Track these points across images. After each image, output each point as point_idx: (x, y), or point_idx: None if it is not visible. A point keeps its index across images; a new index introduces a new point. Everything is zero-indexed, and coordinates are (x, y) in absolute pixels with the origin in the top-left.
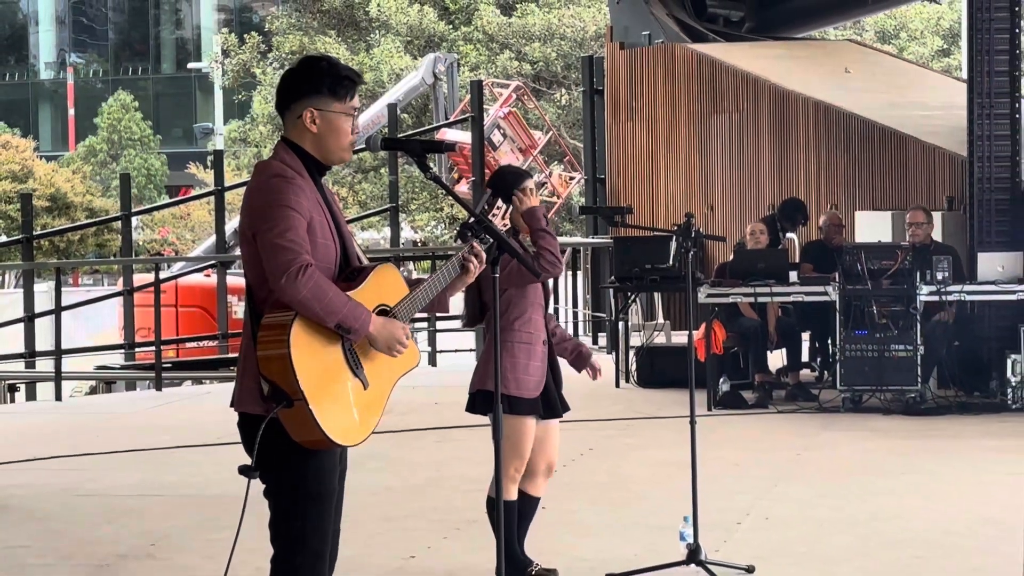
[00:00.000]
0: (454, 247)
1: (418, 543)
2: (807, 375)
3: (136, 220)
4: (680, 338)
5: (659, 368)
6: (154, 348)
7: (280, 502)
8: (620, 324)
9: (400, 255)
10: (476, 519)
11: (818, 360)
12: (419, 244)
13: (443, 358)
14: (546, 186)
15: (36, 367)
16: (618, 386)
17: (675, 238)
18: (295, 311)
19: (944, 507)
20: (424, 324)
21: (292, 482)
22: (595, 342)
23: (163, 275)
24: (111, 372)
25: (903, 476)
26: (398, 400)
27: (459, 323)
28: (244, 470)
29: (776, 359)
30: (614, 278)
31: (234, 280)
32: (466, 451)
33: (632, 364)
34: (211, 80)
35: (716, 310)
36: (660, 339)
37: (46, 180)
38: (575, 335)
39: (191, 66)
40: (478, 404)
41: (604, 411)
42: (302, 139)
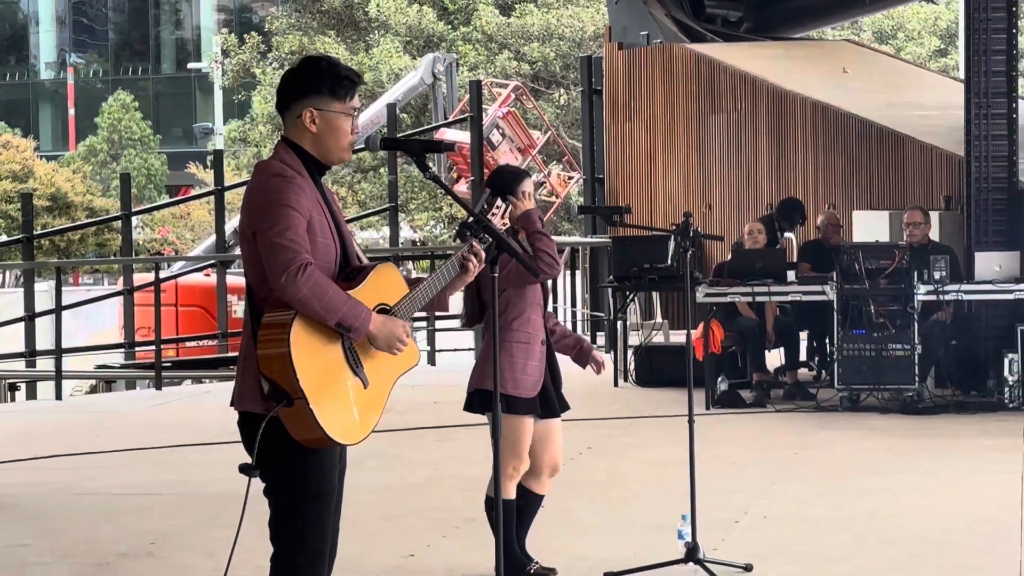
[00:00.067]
0: (453, 246)
1: (417, 541)
2: (805, 374)
3: (136, 220)
4: (678, 337)
5: (657, 367)
6: (154, 347)
7: (280, 501)
8: (618, 323)
9: (399, 254)
10: (475, 518)
11: (816, 359)
12: (418, 243)
13: (442, 357)
14: (545, 186)
15: (36, 366)
16: (616, 385)
17: (673, 238)
18: (295, 310)
19: (941, 506)
20: (423, 323)
21: (292, 481)
22: (594, 341)
23: (163, 274)
24: (111, 371)
25: (900, 475)
26: (397, 399)
27: (458, 322)
28: (244, 469)
29: (774, 358)
30: (612, 277)
31: (234, 279)
32: (465, 450)
33: (630, 363)
34: (211, 80)
35: (714, 309)
36: (658, 338)
37: (46, 180)
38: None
39: (191, 66)
40: (476, 403)
41: (602, 410)
42: (302, 139)
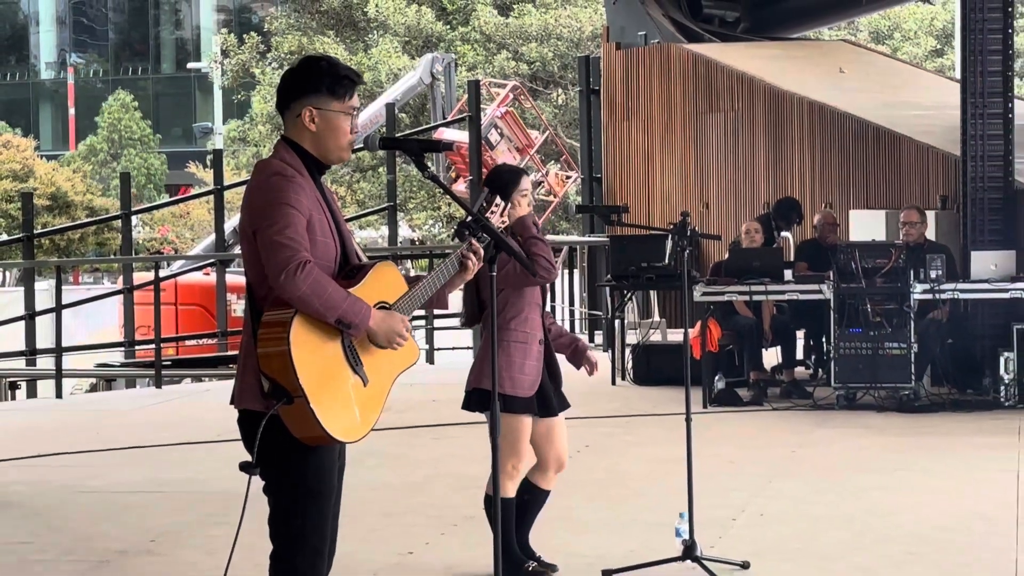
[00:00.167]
0: (452, 246)
1: (416, 539)
2: (802, 373)
3: (136, 219)
4: (676, 336)
5: (655, 366)
6: (154, 346)
7: (280, 499)
8: (616, 322)
9: (398, 253)
10: (473, 516)
11: (812, 358)
12: (417, 243)
13: (441, 356)
14: (543, 185)
15: (37, 365)
16: (614, 384)
17: (671, 237)
18: (295, 308)
19: (937, 503)
20: (422, 322)
21: (292, 479)
22: (591, 340)
23: (163, 273)
24: (111, 370)
25: (897, 473)
26: (396, 398)
27: (456, 321)
28: (245, 467)
29: (771, 357)
30: (610, 276)
31: (233, 278)
32: (463, 448)
33: (628, 362)
34: (210, 80)
35: (712, 308)
36: (656, 337)
37: (47, 179)
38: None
39: (191, 66)
40: (474, 402)
41: (601, 408)
42: (301, 138)
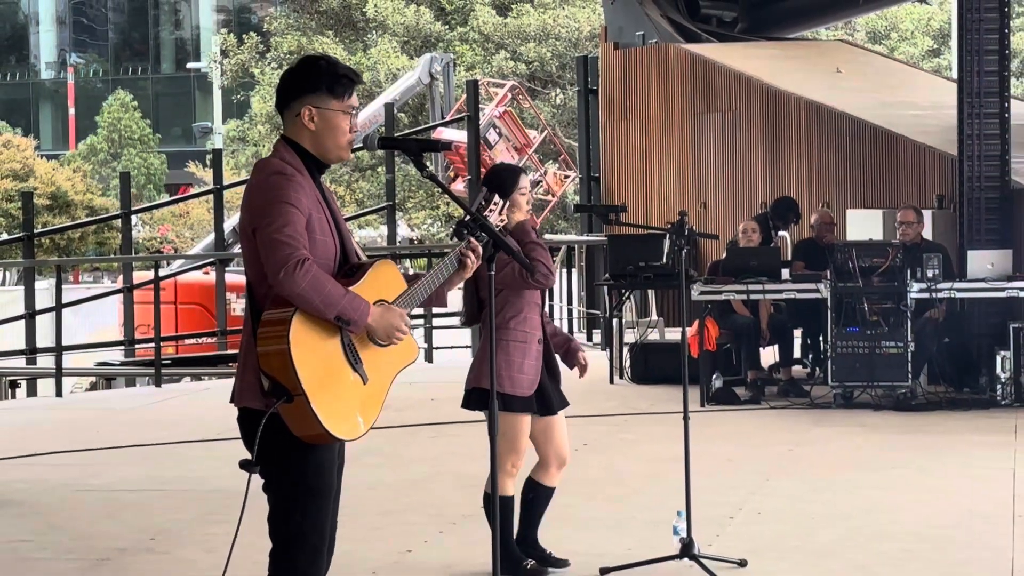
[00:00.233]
0: (450, 245)
1: (415, 537)
2: (799, 371)
3: (136, 218)
4: (673, 335)
5: (653, 364)
6: (154, 345)
7: (280, 497)
8: (614, 321)
9: (397, 253)
10: (472, 514)
11: (810, 357)
12: (415, 242)
13: (439, 354)
14: (541, 184)
15: (37, 363)
16: (612, 382)
17: (669, 236)
18: (294, 306)
19: (934, 501)
20: (421, 321)
21: (292, 477)
22: (589, 339)
23: (162, 273)
24: (111, 368)
25: (893, 471)
26: (395, 396)
27: (454, 319)
28: (244, 465)
29: (768, 356)
30: (608, 275)
31: (233, 277)
32: (462, 447)
33: (626, 360)
34: (210, 80)
35: (709, 307)
36: (654, 336)
37: (47, 179)
38: (570, 332)
39: (190, 66)
40: (473, 401)
41: (599, 407)
42: (301, 137)
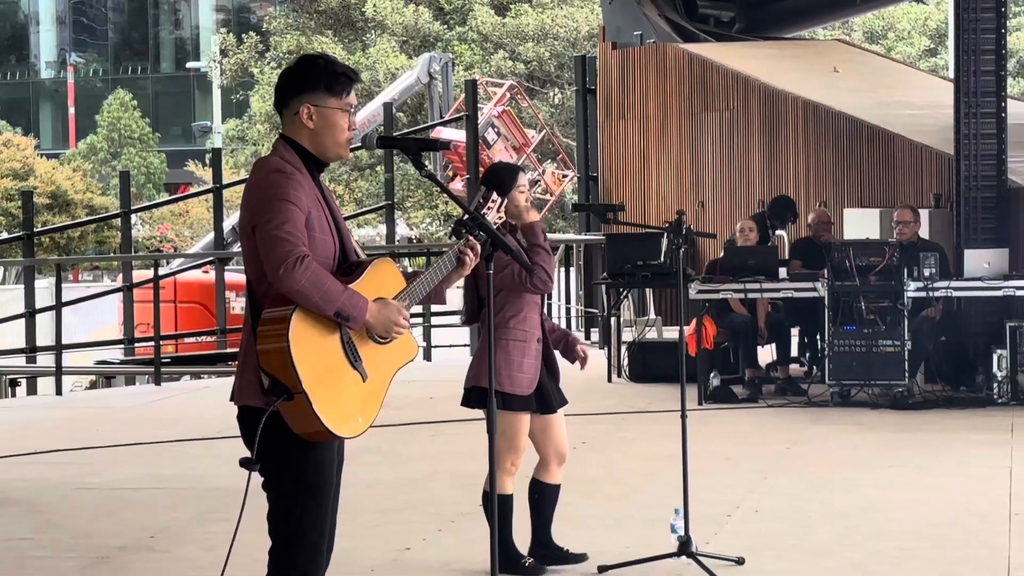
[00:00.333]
0: (449, 244)
1: (413, 535)
2: (796, 370)
3: (135, 217)
4: (671, 333)
5: (651, 363)
6: (153, 343)
7: (279, 495)
8: (612, 320)
9: (395, 251)
10: (470, 512)
11: (807, 355)
12: (414, 241)
13: (438, 353)
14: (539, 184)
15: (37, 362)
16: (610, 381)
17: (666, 235)
18: (294, 304)
19: (930, 499)
20: (419, 319)
21: (292, 475)
22: (587, 337)
23: (162, 271)
24: (111, 367)
25: (890, 469)
26: (394, 394)
27: (453, 318)
28: (245, 463)
29: (766, 354)
30: (606, 274)
31: (232, 276)
32: (460, 445)
33: (624, 359)
34: (209, 79)
35: (707, 306)
36: (652, 335)
37: (47, 178)
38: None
39: (190, 65)
40: (473, 399)
41: (597, 405)
42: (300, 136)
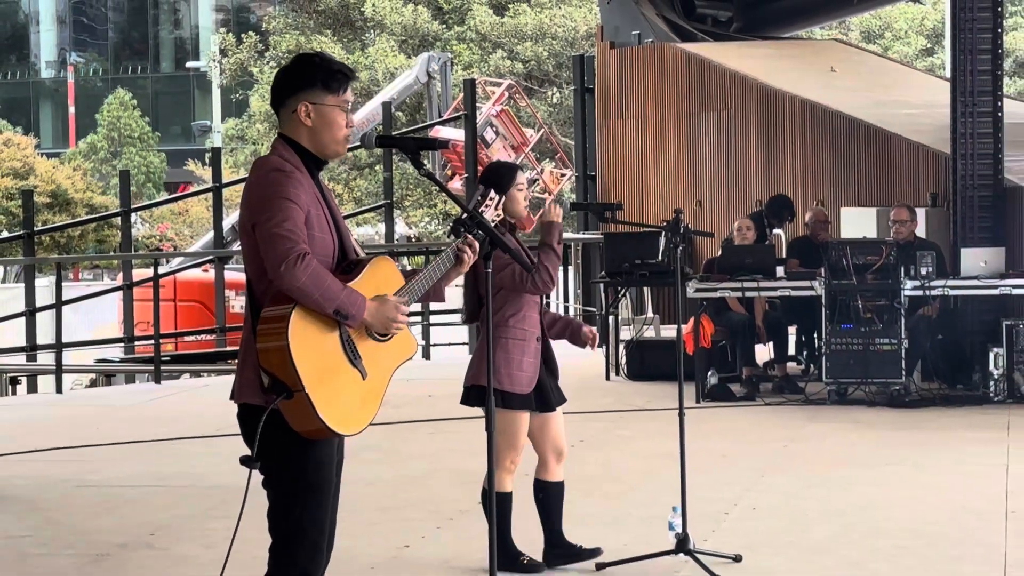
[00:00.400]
0: (447, 242)
1: (412, 533)
2: (794, 368)
3: (135, 216)
4: (669, 332)
5: (648, 361)
6: (153, 342)
7: (279, 493)
8: (610, 318)
9: (395, 250)
10: (469, 510)
11: (804, 354)
12: (413, 239)
13: (437, 351)
14: (538, 183)
15: (37, 360)
16: (608, 379)
17: (664, 234)
18: (293, 303)
19: (927, 497)
20: (418, 318)
21: (292, 473)
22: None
23: (162, 270)
24: (111, 365)
25: (887, 467)
26: (393, 393)
27: (452, 316)
28: (245, 461)
29: (763, 353)
30: (604, 273)
31: (232, 275)
32: (459, 443)
33: (622, 357)
34: (209, 79)
35: (704, 304)
36: (649, 333)
37: (47, 177)
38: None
39: (189, 65)
40: (472, 398)
41: (595, 403)
42: (298, 134)
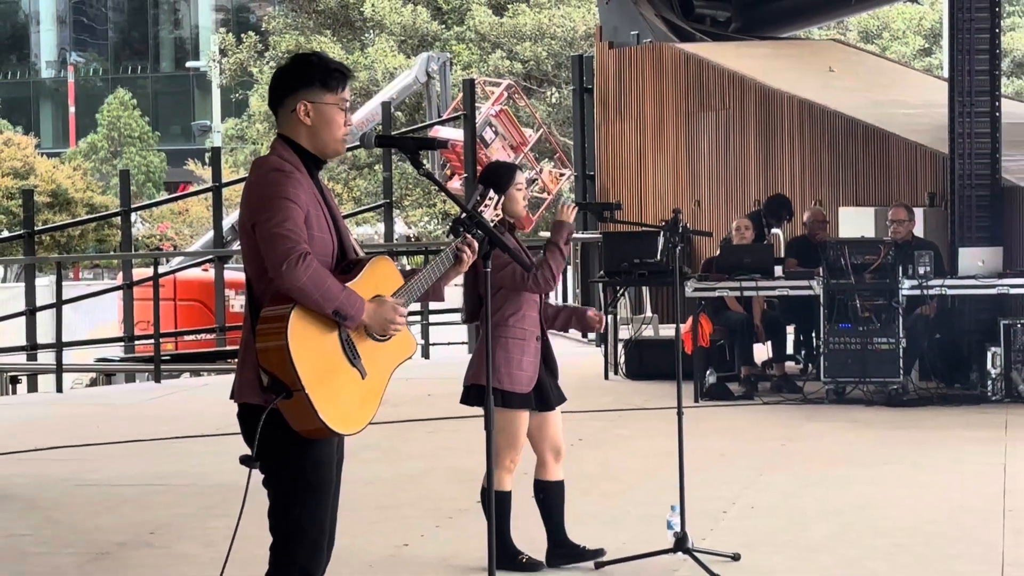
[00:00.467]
0: (447, 242)
1: (411, 531)
2: (792, 367)
3: (135, 216)
4: (668, 331)
5: (647, 361)
6: (153, 341)
7: (279, 492)
8: (609, 318)
9: (394, 249)
10: (468, 508)
11: (802, 353)
12: (412, 239)
13: (436, 351)
14: (537, 182)
15: (37, 359)
16: (607, 378)
17: (663, 233)
18: (293, 303)
19: (925, 496)
20: (418, 317)
21: (291, 472)
22: (584, 335)
23: (162, 269)
24: (111, 364)
25: (885, 466)
26: (392, 392)
27: (451, 316)
28: (244, 460)
29: (761, 352)
30: (603, 272)
31: (231, 274)
32: (458, 442)
33: (621, 357)
34: (209, 79)
35: (703, 304)
36: (648, 332)
37: (47, 176)
38: (564, 329)
39: (189, 65)
40: (472, 397)
41: (593, 402)
42: (297, 134)
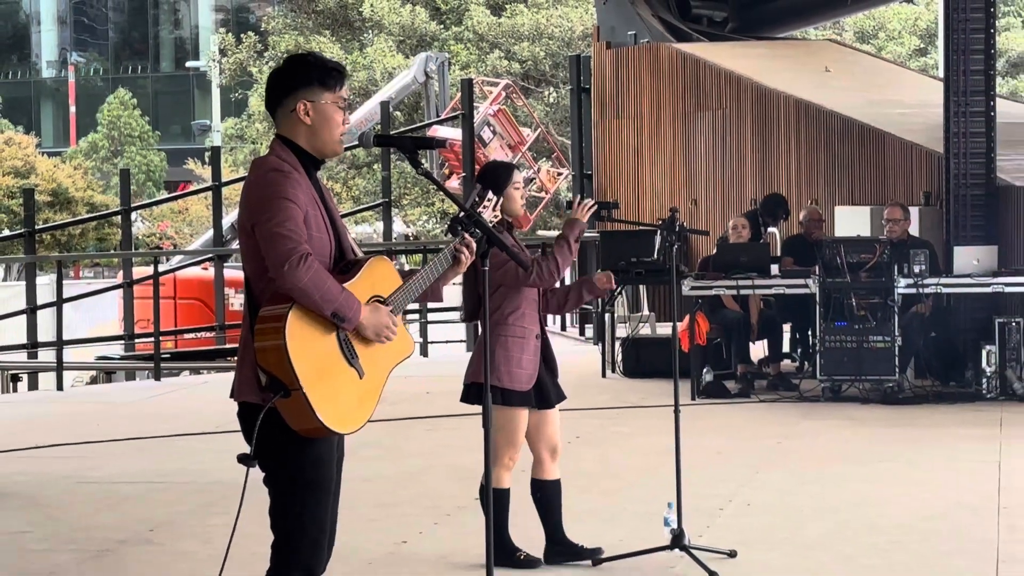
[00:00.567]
0: (445, 241)
1: (410, 529)
2: (788, 365)
3: (136, 215)
4: (665, 330)
5: (644, 359)
6: (153, 339)
7: (279, 491)
8: (606, 316)
9: (392, 249)
10: (466, 505)
11: (799, 351)
12: (411, 238)
13: (435, 349)
14: (534, 181)
15: (38, 357)
16: (604, 376)
17: (660, 232)
18: (291, 302)
19: (920, 493)
20: (416, 315)
21: (290, 471)
22: (582, 333)
23: (162, 268)
24: (111, 362)
25: (881, 464)
26: (390, 390)
27: (449, 315)
28: (243, 459)
29: (758, 350)
30: (601, 271)
31: (231, 273)
32: (457, 439)
33: (618, 355)
34: (209, 78)
35: (700, 302)
36: (645, 331)
37: (48, 176)
38: (562, 328)
39: (189, 65)
40: (472, 395)
41: (591, 400)
42: (296, 134)
